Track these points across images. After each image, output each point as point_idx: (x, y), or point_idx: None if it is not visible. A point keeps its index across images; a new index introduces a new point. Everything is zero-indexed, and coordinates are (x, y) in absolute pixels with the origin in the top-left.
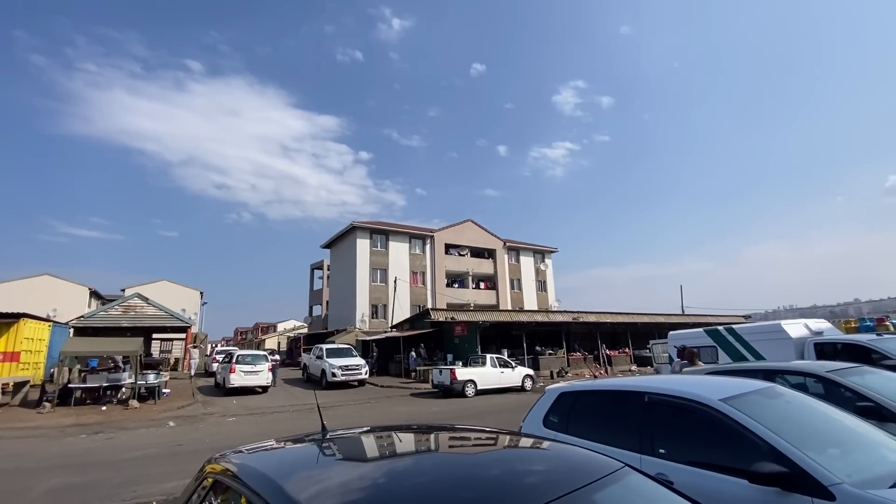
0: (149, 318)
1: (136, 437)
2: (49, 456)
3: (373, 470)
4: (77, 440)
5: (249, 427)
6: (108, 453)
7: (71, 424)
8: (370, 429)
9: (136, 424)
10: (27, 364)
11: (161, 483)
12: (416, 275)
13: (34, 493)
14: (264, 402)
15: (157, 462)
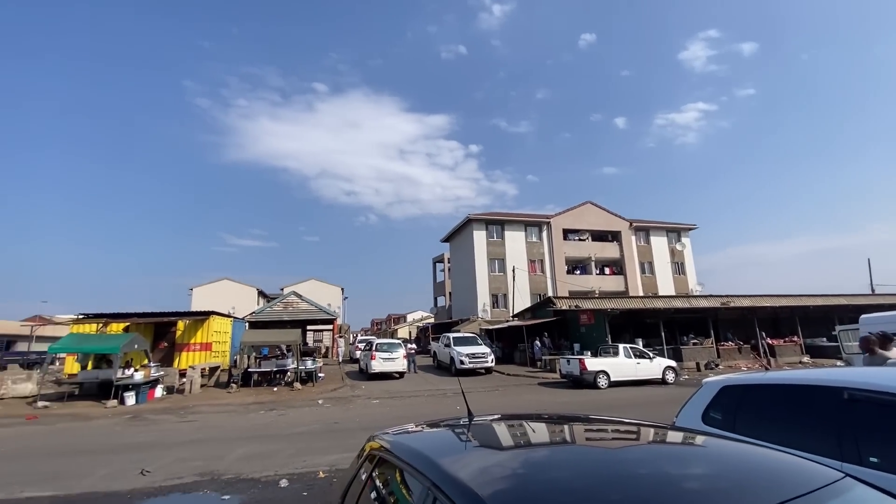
0: (303, 313)
1: (301, 415)
2: (238, 428)
3: (529, 457)
4: (257, 415)
5: (392, 409)
6: (281, 427)
7: (252, 402)
8: (516, 416)
9: (300, 403)
10: (217, 352)
11: (324, 455)
12: (533, 263)
13: (230, 458)
14: (402, 386)
15: (319, 437)
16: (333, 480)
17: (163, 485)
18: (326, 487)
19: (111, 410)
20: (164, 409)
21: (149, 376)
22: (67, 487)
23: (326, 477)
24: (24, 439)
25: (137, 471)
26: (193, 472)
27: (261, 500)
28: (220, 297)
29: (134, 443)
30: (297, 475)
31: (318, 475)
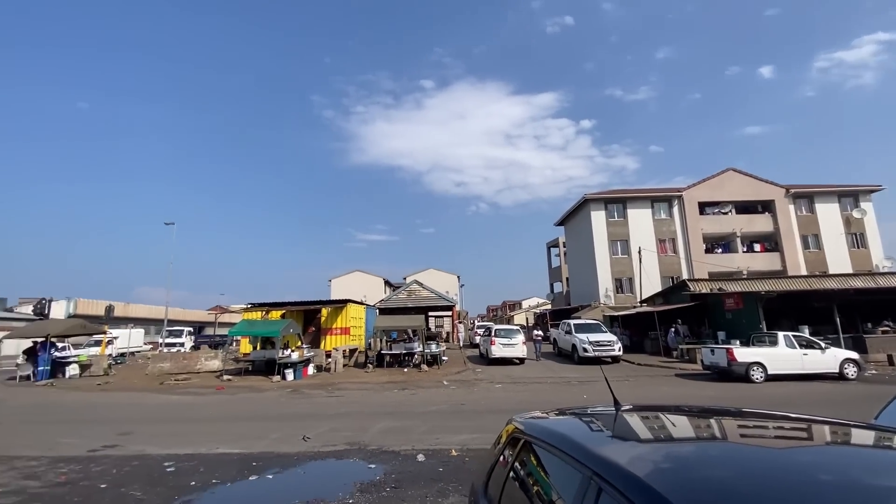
0: (424, 300)
1: (430, 395)
2: (376, 404)
3: (703, 453)
4: (392, 394)
5: (516, 394)
6: (413, 405)
7: (386, 381)
8: (670, 407)
9: (427, 384)
10: (354, 336)
11: (455, 434)
12: (663, 243)
13: (372, 431)
14: (523, 372)
15: (449, 417)
16: (466, 459)
17: (320, 450)
18: (460, 465)
19: (276, 384)
20: (316, 385)
21: (302, 356)
22: (249, 447)
23: (459, 455)
24: (217, 406)
25: (300, 436)
26: (343, 441)
27: (401, 472)
28: (353, 286)
29: (295, 412)
30: (432, 451)
31: (451, 453)
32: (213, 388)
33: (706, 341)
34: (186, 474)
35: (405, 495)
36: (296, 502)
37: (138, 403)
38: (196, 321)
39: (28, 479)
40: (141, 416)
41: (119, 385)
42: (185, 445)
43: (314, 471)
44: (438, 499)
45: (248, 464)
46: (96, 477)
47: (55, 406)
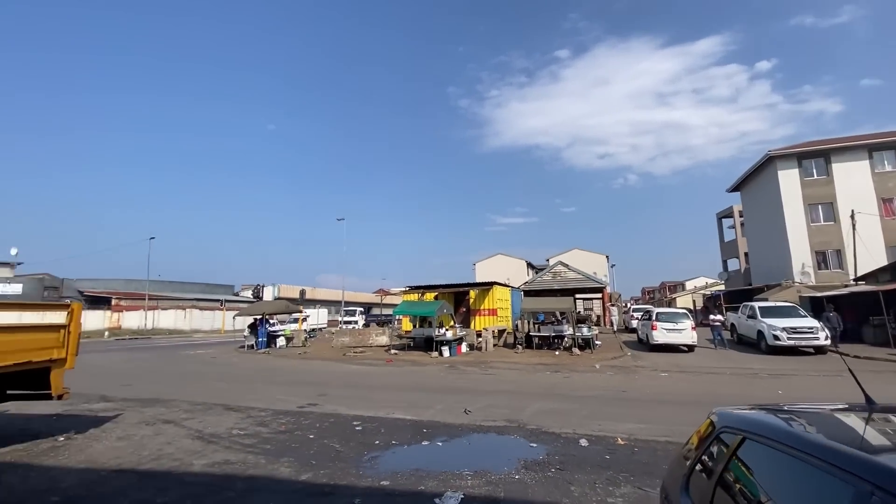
0: (571, 281)
1: (585, 379)
2: (529, 384)
3: None
4: (543, 375)
5: (689, 385)
6: (567, 389)
7: (536, 363)
8: None
9: (581, 368)
10: (501, 317)
11: (619, 422)
12: (888, 203)
13: (529, 411)
14: (694, 361)
15: (609, 403)
16: (635, 450)
17: (481, 424)
18: (629, 455)
19: (434, 360)
20: (470, 363)
21: (456, 335)
22: (418, 414)
23: (626, 444)
24: (387, 376)
25: (461, 409)
26: (502, 417)
27: (565, 454)
28: (496, 269)
29: (454, 386)
30: (595, 437)
31: (617, 441)
32: (383, 361)
33: None
34: (371, 434)
35: (572, 478)
36: (465, 470)
37: (328, 371)
38: (364, 302)
39: (260, 426)
40: (331, 381)
41: (313, 355)
42: (368, 409)
43: (478, 443)
44: (609, 486)
45: (420, 430)
46: (305, 428)
47: (271, 369)
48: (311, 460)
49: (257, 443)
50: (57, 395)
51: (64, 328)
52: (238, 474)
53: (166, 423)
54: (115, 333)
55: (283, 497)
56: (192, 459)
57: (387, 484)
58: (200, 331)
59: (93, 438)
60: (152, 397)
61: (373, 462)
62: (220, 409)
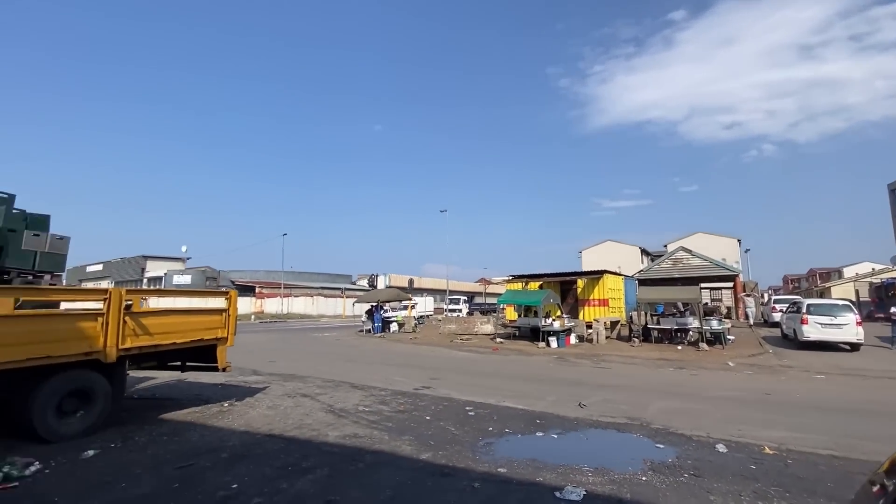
0: (695, 269)
1: (716, 378)
2: (650, 381)
3: None
4: (666, 372)
5: (853, 391)
6: (695, 388)
7: (657, 358)
8: None
9: (711, 366)
10: (613, 308)
11: (765, 429)
12: None
13: (652, 409)
14: (859, 362)
15: (750, 406)
16: (789, 462)
17: (598, 420)
18: (780, 467)
19: (541, 350)
20: (580, 355)
21: (563, 325)
22: (530, 405)
23: (776, 455)
24: (494, 364)
25: (574, 402)
26: (622, 414)
27: (699, 460)
28: (605, 257)
29: (565, 378)
30: (735, 444)
31: (764, 450)
32: (489, 349)
33: None
34: (484, 420)
35: (710, 487)
36: (584, 466)
37: (438, 356)
38: (467, 291)
39: (381, 405)
40: (442, 366)
41: (423, 340)
42: (478, 395)
43: (596, 439)
44: (758, 501)
45: (533, 420)
46: (422, 410)
47: (387, 352)
48: (430, 441)
49: (380, 420)
50: (222, 367)
51: (225, 312)
52: (366, 447)
53: (304, 396)
54: (258, 317)
55: (406, 474)
56: (327, 430)
57: (503, 471)
58: (325, 315)
59: (248, 406)
60: (291, 373)
61: (488, 448)
62: (347, 387)
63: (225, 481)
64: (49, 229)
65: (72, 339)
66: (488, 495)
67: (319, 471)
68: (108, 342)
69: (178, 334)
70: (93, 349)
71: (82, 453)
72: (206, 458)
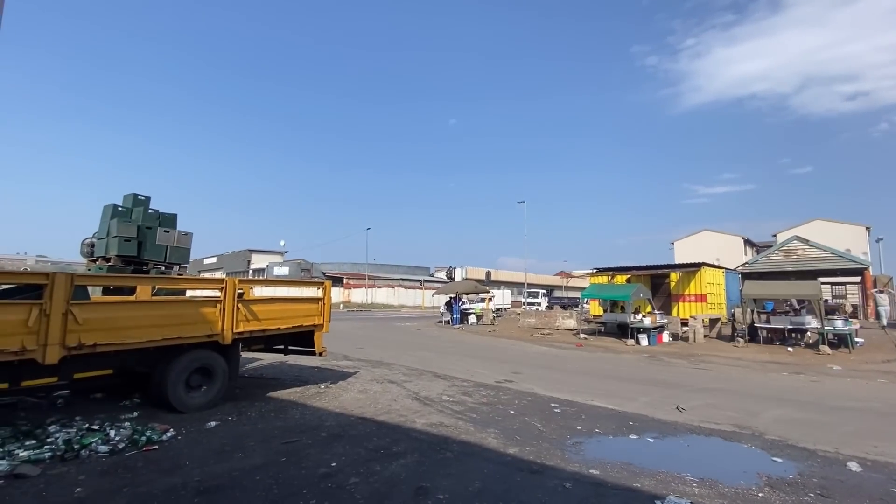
0: (812, 261)
1: (843, 386)
2: (759, 386)
3: None
4: (779, 376)
5: None
6: (816, 396)
7: (767, 360)
8: None
9: (834, 372)
10: (712, 304)
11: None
12: None
13: (764, 417)
14: None
15: (887, 420)
16: None
17: (701, 426)
18: None
19: (630, 348)
20: (674, 354)
21: (655, 322)
22: (620, 405)
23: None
24: (579, 361)
25: (671, 405)
26: (728, 421)
27: (826, 478)
28: (701, 248)
29: (659, 379)
30: (871, 462)
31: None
32: (572, 345)
33: None
34: (571, 418)
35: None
36: (687, 475)
37: (519, 350)
38: (546, 284)
39: (464, 395)
40: (522, 360)
41: (502, 333)
42: (564, 392)
43: (699, 446)
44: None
45: (625, 422)
46: (505, 403)
47: (466, 344)
48: (516, 435)
49: (464, 410)
50: (318, 352)
51: (320, 300)
52: (452, 437)
53: (391, 383)
54: (346, 306)
55: (494, 467)
56: (414, 417)
57: (596, 473)
58: (406, 306)
59: (342, 389)
60: (378, 360)
61: (577, 447)
62: (430, 376)
63: (325, 459)
64: (177, 227)
65: (197, 322)
66: (581, 497)
67: (410, 456)
68: (224, 326)
69: (281, 320)
70: (213, 332)
71: (206, 424)
72: (308, 436)
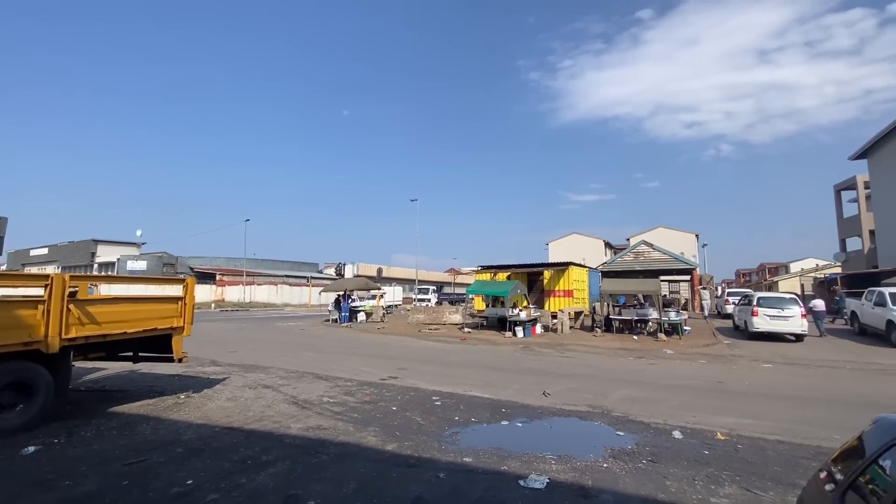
0: (655, 262)
1: (673, 367)
2: (611, 370)
3: None
4: (627, 361)
5: (800, 379)
6: (654, 376)
7: (617, 347)
8: None
9: (669, 355)
10: (577, 299)
11: (717, 416)
12: None
13: (613, 397)
14: (803, 352)
15: (704, 394)
16: (739, 447)
17: (562, 408)
18: (731, 452)
19: (508, 340)
20: (545, 344)
21: (530, 315)
22: (496, 394)
23: (728, 440)
24: (462, 354)
25: (539, 391)
26: (584, 402)
27: (656, 446)
28: (571, 249)
29: (530, 368)
30: (690, 430)
31: (717, 436)
32: (457, 339)
33: None
34: (450, 409)
35: (666, 472)
36: (547, 454)
37: (406, 346)
38: (436, 281)
39: (347, 395)
40: (409, 356)
41: (391, 330)
42: (446, 385)
43: (559, 427)
44: (710, 485)
45: (499, 409)
46: (388, 400)
47: (353, 342)
48: (396, 431)
49: (345, 411)
50: (178, 358)
51: (181, 300)
52: (330, 439)
53: (266, 387)
54: (219, 305)
55: (371, 465)
56: (289, 423)
57: (469, 461)
58: (290, 304)
59: (207, 398)
60: (253, 363)
61: (454, 437)
62: (312, 378)
63: (179, 477)
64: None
65: (9, 327)
66: (453, 485)
67: (281, 464)
68: (49, 331)
69: (129, 323)
70: (33, 339)
71: (22, 450)
72: (159, 453)
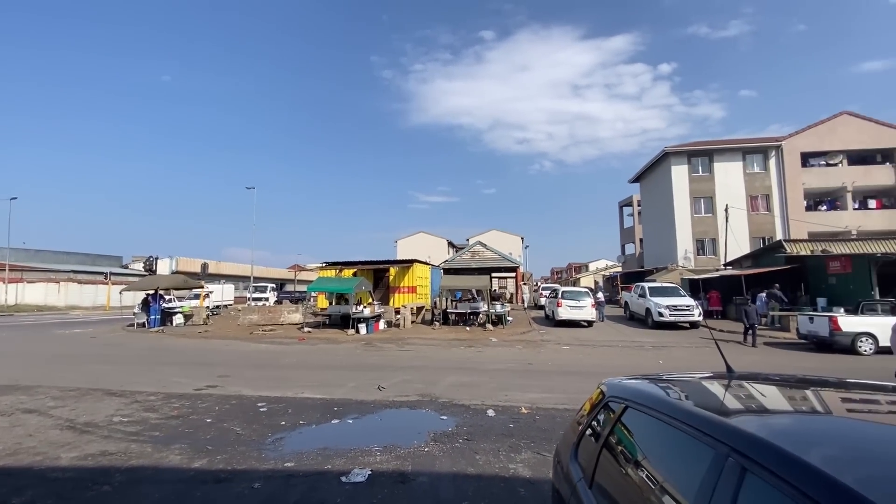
0: (488, 261)
1: (496, 353)
2: (444, 359)
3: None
4: (458, 350)
5: (586, 357)
6: (480, 363)
7: (452, 338)
8: (793, 378)
9: (493, 343)
10: (420, 294)
11: (524, 393)
12: (755, 199)
13: (442, 385)
14: (592, 335)
15: (517, 375)
16: (536, 418)
17: (394, 400)
18: (531, 423)
19: (350, 337)
20: (386, 339)
21: (374, 312)
22: (330, 393)
23: (529, 413)
24: (299, 355)
25: (375, 386)
26: (415, 392)
27: (473, 425)
28: (417, 247)
29: (370, 363)
30: (502, 407)
31: (521, 410)
32: (295, 339)
33: (802, 308)
34: (277, 415)
35: (478, 448)
36: (374, 446)
37: (233, 350)
38: (277, 278)
39: (148, 412)
40: (236, 362)
41: (216, 334)
42: (275, 389)
43: (390, 419)
44: (511, 453)
45: (330, 409)
46: (202, 412)
47: (166, 350)
48: (207, 446)
49: (143, 430)
50: None
51: None
52: (117, 466)
53: (27, 412)
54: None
55: (170, 487)
56: (59, 452)
57: (291, 465)
58: (79, 307)
59: None
60: (9, 384)
61: (276, 444)
62: (100, 395)
63: None
64: None
65: None
66: (268, 494)
67: None
68: None
69: None
70: None
71: None
72: None
